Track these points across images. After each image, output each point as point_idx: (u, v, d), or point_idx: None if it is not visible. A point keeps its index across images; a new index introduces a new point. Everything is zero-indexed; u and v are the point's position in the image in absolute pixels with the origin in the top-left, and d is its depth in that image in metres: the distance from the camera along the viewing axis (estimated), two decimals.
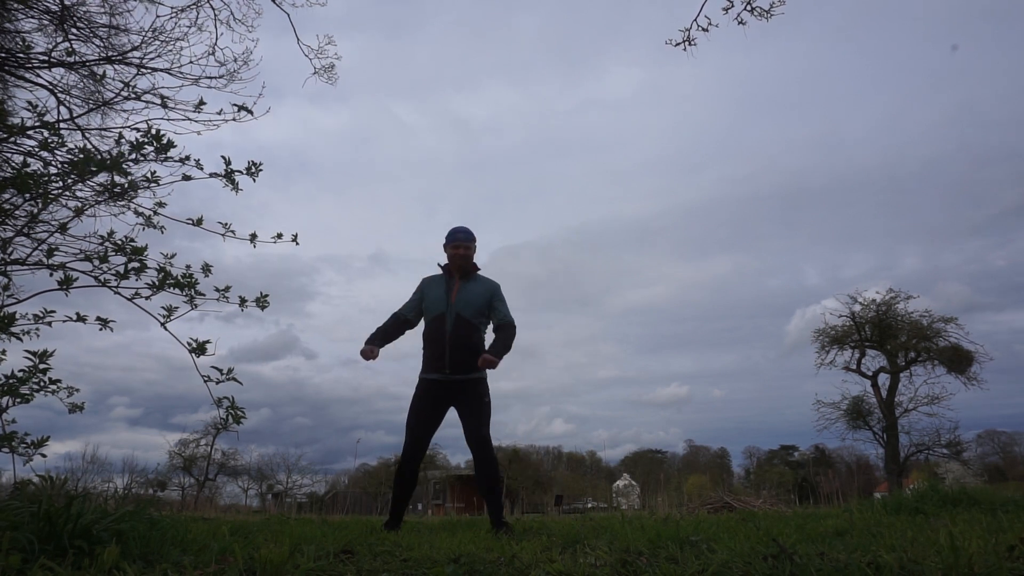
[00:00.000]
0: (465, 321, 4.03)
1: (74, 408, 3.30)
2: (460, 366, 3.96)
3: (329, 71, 6.34)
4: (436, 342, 4.00)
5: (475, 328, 4.07)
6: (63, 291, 2.91)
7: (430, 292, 4.16)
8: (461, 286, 4.13)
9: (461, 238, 4.19)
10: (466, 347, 3.99)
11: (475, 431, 3.91)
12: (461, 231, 4.23)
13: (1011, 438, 49.23)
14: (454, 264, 4.18)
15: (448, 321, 4.01)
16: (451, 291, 4.10)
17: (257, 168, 3.41)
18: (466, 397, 3.97)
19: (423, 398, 4.00)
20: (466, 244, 4.18)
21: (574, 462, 54.79)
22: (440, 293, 4.10)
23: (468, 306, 4.07)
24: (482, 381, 4.04)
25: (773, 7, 4.98)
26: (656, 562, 1.84)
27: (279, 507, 25.27)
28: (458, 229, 4.24)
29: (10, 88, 4.48)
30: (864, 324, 22.01)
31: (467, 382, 3.98)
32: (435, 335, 4.02)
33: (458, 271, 4.17)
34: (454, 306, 4.05)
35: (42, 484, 2.18)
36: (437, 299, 4.09)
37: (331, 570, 1.85)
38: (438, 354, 3.97)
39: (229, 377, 3.01)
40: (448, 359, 3.95)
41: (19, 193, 2.87)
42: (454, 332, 3.99)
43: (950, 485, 5.19)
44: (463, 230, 4.24)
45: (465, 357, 3.97)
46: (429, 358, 4.03)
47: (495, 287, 4.26)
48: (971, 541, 1.89)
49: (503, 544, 2.79)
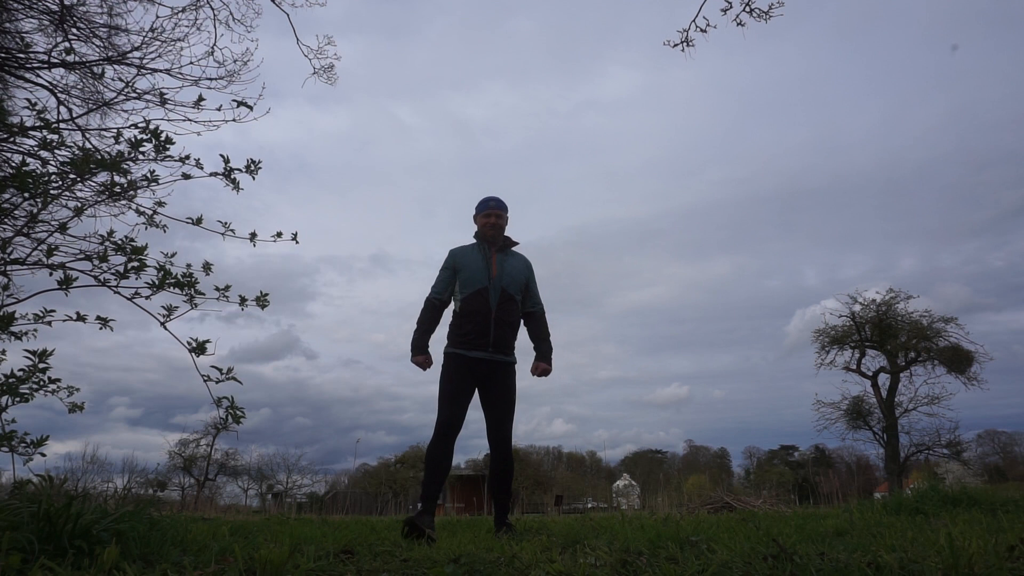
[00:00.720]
0: (509, 297, 3.79)
1: (74, 408, 3.30)
2: (502, 345, 3.73)
3: (328, 71, 6.34)
4: (479, 318, 3.70)
5: (517, 305, 3.85)
6: (63, 291, 2.91)
7: (467, 264, 3.85)
8: (500, 259, 3.88)
9: (493, 206, 3.94)
10: (509, 325, 3.77)
11: (500, 429, 3.71)
12: (493, 199, 3.97)
13: (1011, 438, 49.29)
14: (486, 235, 3.93)
15: (492, 296, 3.74)
16: (490, 263, 3.84)
17: (256, 166, 3.41)
18: (498, 384, 3.73)
19: (461, 373, 3.68)
20: (498, 212, 3.93)
21: (574, 462, 54.77)
22: (480, 265, 3.82)
23: (512, 281, 3.84)
24: (514, 367, 3.83)
25: (772, 8, 4.98)
26: (656, 562, 1.84)
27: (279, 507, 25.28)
28: (489, 198, 3.99)
29: (10, 88, 4.48)
30: (864, 324, 22.00)
31: (505, 366, 3.76)
32: (478, 310, 3.71)
33: (492, 243, 3.92)
34: (497, 280, 3.78)
35: (42, 484, 2.18)
36: (477, 271, 3.80)
37: (331, 570, 1.85)
38: (481, 331, 3.69)
39: (229, 377, 3.00)
40: (493, 337, 3.69)
41: (19, 192, 2.87)
42: (500, 308, 3.73)
43: (950, 485, 5.19)
44: (495, 198, 3.98)
45: (507, 336, 3.76)
46: (468, 334, 3.71)
47: (530, 265, 4.04)
48: (971, 541, 1.89)
49: (503, 544, 2.79)
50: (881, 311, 21.81)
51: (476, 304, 3.73)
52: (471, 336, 3.69)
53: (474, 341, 3.69)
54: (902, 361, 21.75)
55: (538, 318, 3.98)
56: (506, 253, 3.93)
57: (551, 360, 3.93)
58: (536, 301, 4.00)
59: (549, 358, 3.93)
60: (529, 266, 4.01)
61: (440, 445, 3.58)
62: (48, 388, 2.96)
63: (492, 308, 3.71)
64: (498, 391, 3.73)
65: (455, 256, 3.93)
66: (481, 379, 3.72)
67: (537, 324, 3.98)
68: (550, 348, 3.94)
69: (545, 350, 3.93)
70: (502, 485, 3.79)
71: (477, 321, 3.69)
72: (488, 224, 3.91)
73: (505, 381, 3.75)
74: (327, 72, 6.34)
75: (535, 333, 3.99)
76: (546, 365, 3.88)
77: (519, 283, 3.86)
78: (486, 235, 3.91)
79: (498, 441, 3.72)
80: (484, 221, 3.93)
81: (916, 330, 21.31)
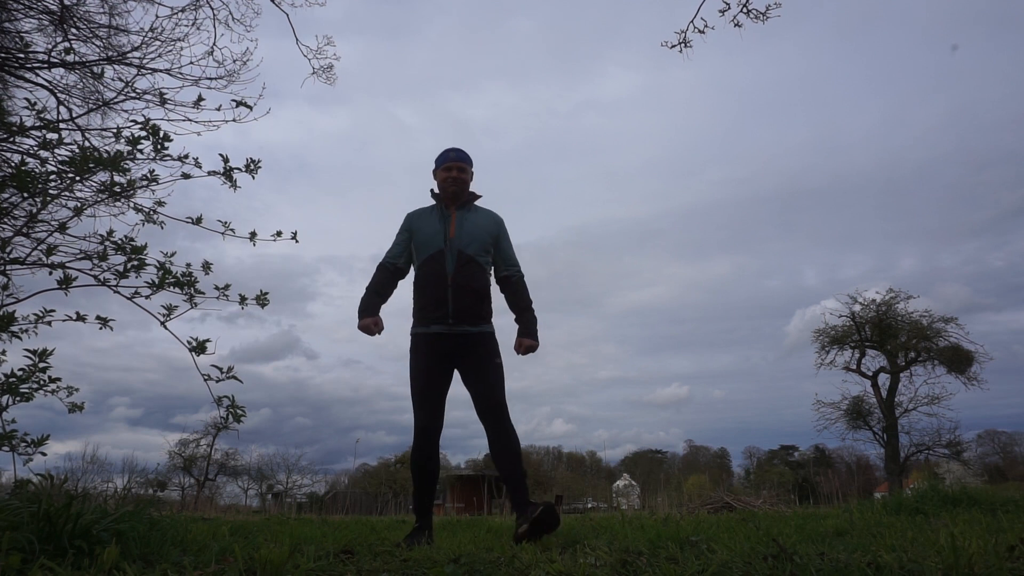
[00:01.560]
0: (468, 259, 3.27)
1: (74, 408, 3.30)
2: (466, 315, 3.21)
3: (328, 71, 6.35)
4: (435, 286, 3.23)
5: (480, 268, 3.31)
6: (63, 290, 2.91)
7: (422, 227, 3.36)
8: (460, 217, 3.35)
9: (453, 157, 3.40)
10: (472, 291, 3.24)
11: (487, 397, 3.16)
12: (453, 150, 3.44)
13: (1011, 438, 49.27)
14: (446, 193, 3.39)
15: (448, 259, 3.24)
16: (448, 224, 3.32)
17: (256, 165, 3.41)
18: (474, 356, 3.23)
19: (428, 356, 3.22)
20: (460, 165, 3.39)
21: (574, 462, 54.77)
22: (435, 227, 3.33)
23: (472, 241, 3.30)
24: (491, 336, 3.30)
25: (769, 9, 4.99)
26: (656, 562, 1.84)
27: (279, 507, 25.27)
28: (450, 149, 3.45)
29: (10, 88, 4.48)
30: (864, 324, 22.00)
31: (475, 336, 3.23)
32: (433, 278, 3.24)
33: (452, 200, 3.39)
34: (454, 241, 3.27)
35: (42, 484, 2.18)
36: (432, 235, 3.31)
37: (331, 570, 1.85)
38: (438, 300, 3.21)
39: (229, 376, 3.01)
40: (452, 306, 3.19)
41: (19, 192, 2.87)
42: (457, 273, 3.22)
43: (950, 485, 5.19)
44: (456, 149, 3.44)
45: (471, 304, 3.23)
46: (426, 307, 3.24)
47: (500, 221, 3.48)
48: (971, 541, 1.89)
49: (503, 544, 2.79)
50: (881, 311, 21.81)
51: (430, 270, 3.25)
52: (429, 308, 3.22)
53: (432, 314, 3.20)
54: (902, 361, 21.75)
55: (515, 284, 3.43)
56: (467, 210, 3.40)
57: (536, 332, 3.38)
58: (511, 263, 3.45)
59: (534, 330, 3.38)
60: (498, 222, 3.46)
61: (421, 451, 3.17)
62: (48, 388, 2.96)
63: (448, 273, 3.21)
64: (478, 364, 3.21)
65: (411, 219, 3.46)
66: (451, 357, 3.23)
67: (515, 291, 3.43)
68: (534, 318, 3.40)
69: (528, 321, 3.38)
70: (509, 458, 3.11)
71: (433, 290, 3.22)
72: (448, 179, 3.37)
73: (485, 349, 3.24)
74: (326, 72, 6.35)
75: (514, 302, 3.44)
76: (531, 340, 3.33)
77: (482, 242, 3.32)
78: (446, 191, 3.38)
79: (490, 408, 3.15)
80: (444, 176, 3.38)
81: (916, 330, 21.31)
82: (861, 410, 21.91)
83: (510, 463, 3.10)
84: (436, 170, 3.47)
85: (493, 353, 3.27)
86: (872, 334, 22.00)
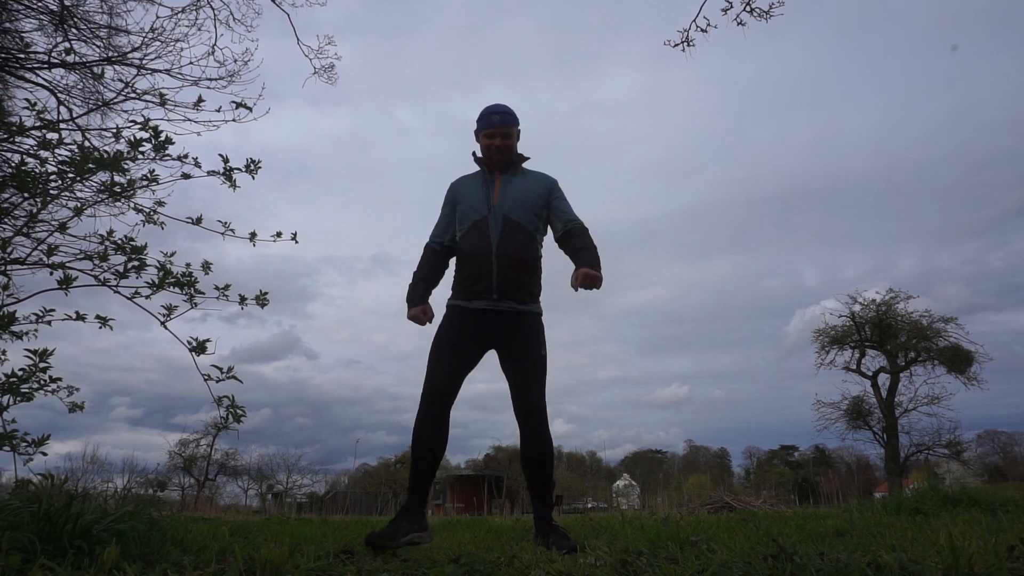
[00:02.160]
0: (515, 225, 2.93)
1: (74, 408, 3.30)
2: (512, 289, 2.87)
3: (329, 71, 6.35)
4: (478, 256, 2.90)
5: (530, 236, 2.97)
6: (63, 290, 2.92)
7: (465, 194, 3.06)
8: (504, 181, 3.04)
9: (497, 122, 3.03)
10: (519, 262, 2.90)
11: (528, 397, 2.83)
12: (497, 111, 3.05)
13: (1011, 438, 49.25)
14: (490, 160, 3.06)
15: (492, 227, 2.92)
16: (492, 189, 3.02)
17: (256, 165, 3.41)
18: (518, 342, 2.88)
19: (462, 331, 2.87)
20: (504, 131, 3.03)
21: (574, 462, 54.76)
22: (478, 193, 3.02)
23: (518, 205, 2.98)
24: (539, 319, 2.97)
25: (772, 8, 4.99)
26: (656, 562, 1.84)
27: (279, 507, 25.28)
28: (492, 109, 3.07)
29: (10, 88, 4.49)
30: (864, 324, 22.00)
31: (521, 316, 2.89)
32: (475, 248, 2.91)
33: (497, 167, 3.07)
34: (498, 207, 2.95)
35: (42, 484, 2.18)
36: (475, 201, 3.00)
37: (331, 570, 1.85)
38: (481, 272, 2.87)
39: (229, 376, 3.01)
40: (496, 279, 2.85)
41: (19, 192, 2.87)
42: (503, 240, 2.89)
43: (950, 485, 5.20)
44: (499, 110, 3.06)
45: (518, 276, 2.89)
46: (467, 279, 2.92)
47: (552, 182, 3.14)
48: (971, 541, 1.89)
49: (503, 544, 2.79)
50: (881, 311, 21.81)
51: (473, 240, 2.93)
52: (470, 280, 2.90)
53: (474, 287, 2.88)
54: (902, 361, 21.76)
55: (576, 233, 3.04)
56: (513, 174, 3.08)
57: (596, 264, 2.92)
58: (569, 216, 3.07)
59: (596, 263, 2.92)
60: (549, 184, 3.12)
61: (425, 421, 2.74)
62: (48, 388, 2.96)
63: (493, 241, 2.88)
64: (522, 353, 2.87)
65: (454, 189, 3.15)
66: (491, 338, 2.90)
67: (576, 238, 3.04)
68: (597, 257, 2.97)
69: (593, 256, 2.95)
70: (538, 472, 2.83)
71: (476, 261, 2.90)
72: (492, 147, 3.03)
73: (530, 336, 2.90)
74: (327, 72, 6.35)
75: (573, 246, 3.04)
76: (591, 271, 2.85)
77: (530, 206, 3.00)
78: (490, 159, 3.06)
79: (531, 411, 2.83)
80: (486, 143, 3.05)
81: (916, 330, 21.32)
82: (861, 410, 21.92)
83: (539, 474, 2.82)
84: (478, 133, 3.10)
85: (539, 343, 2.92)
86: (872, 334, 22.00)
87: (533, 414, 2.82)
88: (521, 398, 2.83)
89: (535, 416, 2.83)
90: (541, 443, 2.83)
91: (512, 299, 2.87)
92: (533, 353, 2.89)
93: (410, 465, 2.77)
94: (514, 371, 2.87)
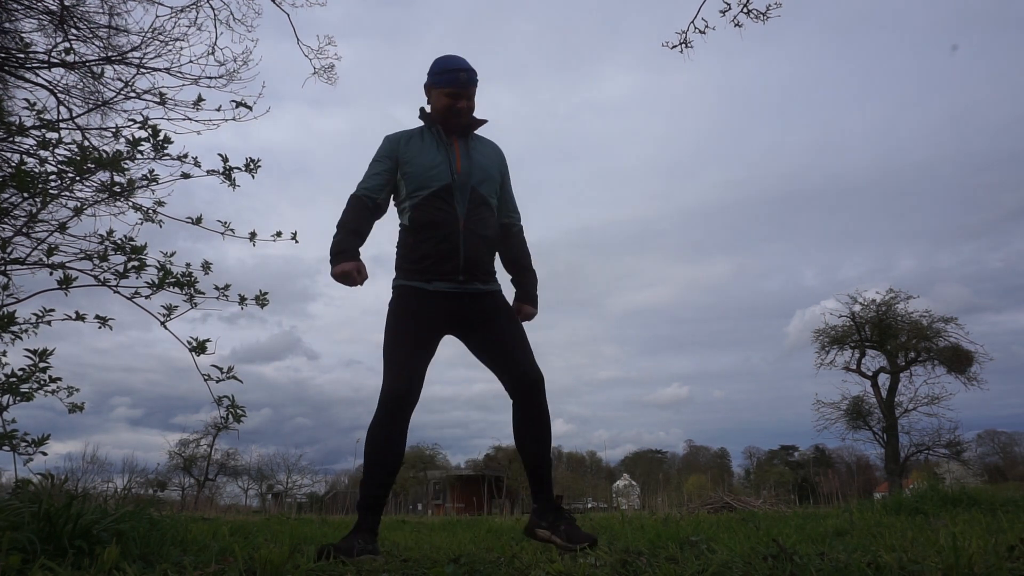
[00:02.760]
0: (482, 200, 2.59)
1: (73, 408, 3.30)
2: (479, 270, 2.55)
3: (329, 71, 6.35)
4: (443, 231, 2.50)
5: (492, 213, 2.66)
6: (63, 290, 2.92)
7: (416, 156, 2.60)
8: (463, 146, 2.65)
9: (464, 80, 2.61)
10: (485, 241, 2.58)
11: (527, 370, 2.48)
12: (464, 68, 2.62)
13: (1011, 438, 49.27)
14: (447, 122, 2.65)
15: (459, 199, 2.54)
16: (452, 153, 2.61)
17: (256, 164, 3.41)
18: (494, 321, 2.56)
19: (419, 317, 2.48)
20: (471, 91, 2.65)
21: (574, 462, 54.74)
22: (435, 157, 2.58)
23: (486, 178, 2.63)
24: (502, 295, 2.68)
25: (770, 9, 5.00)
26: (656, 562, 1.84)
27: (279, 507, 25.28)
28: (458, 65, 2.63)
29: (10, 88, 4.49)
30: (864, 324, 22.01)
31: (489, 297, 2.58)
32: (440, 220, 2.51)
33: (455, 130, 2.67)
34: (462, 177, 2.57)
35: (42, 484, 2.18)
36: (433, 165, 2.56)
37: (331, 570, 1.85)
38: (446, 251, 2.49)
39: (229, 376, 3.01)
40: (464, 258, 2.50)
41: (19, 192, 2.87)
42: (471, 216, 2.54)
43: (950, 485, 5.20)
44: (465, 66, 2.63)
45: (484, 256, 2.58)
46: (427, 257, 2.51)
47: (503, 155, 2.82)
48: (971, 541, 1.89)
49: (503, 544, 2.79)
50: (881, 311, 21.82)
51: (436, 211, 2.52)
52: (432, 260, 2.50)
53: (436, 267, 2.50)
54: (902, 361, 21.77)
55: (517, 235, 2.80)
56: (470, 137, 2.71)
57: (536, 299, 2.77)
58: (512, 208, 2.81)
59: (535, 295, 2.76)
60: (502, 157, 2.80)
61: (385, 426, 2.36)
62: (48, 388, 2.97)
63: (460, 217, 2.52)
64: (495, 328, 2.55)
65: (395, 144, 2.66)
66: (452, 324, 2.55)
67: (516, 243, 2.79)
68: (535, 281, 2.79)
69: (530, 282, 2.77)
70: (543, 449, 2.48)
71: (440, 236, 2.50)
72: (454, 108, 2.62)
73: (496, 310, 2.59)
74: (327, 72, 6.36)
75: (514, 258, 2.78)
76: (531, 307, 2.73)
77: (494, 181, 2.68)
78: (448, 121, 2.64)
79: (527, 386, 2.48)
80: (448, 103, 2.61)
81: (916, 330, 21.33)
82: (861, 410, 21.93)
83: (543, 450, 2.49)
84: (434, 88, 2.65)
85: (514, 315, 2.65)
86: (872, 334, 22.01)
87: (536, 384, 2.48)
88: (519, 369, 2.48)
89: (539, 387, 2.49)
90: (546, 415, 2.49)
91: (479, 280, 2.55)
92: (513, 322, 2.59)
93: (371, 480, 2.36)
94: (499, 345, 2.53)
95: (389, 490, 2.41)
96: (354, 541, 2.21)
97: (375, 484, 2.36)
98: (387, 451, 2.36)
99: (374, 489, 2.36)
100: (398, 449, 2.38)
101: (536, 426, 2.47)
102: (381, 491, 2.37)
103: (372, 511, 2.34)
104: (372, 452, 2.36)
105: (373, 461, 2.36)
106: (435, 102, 2.66)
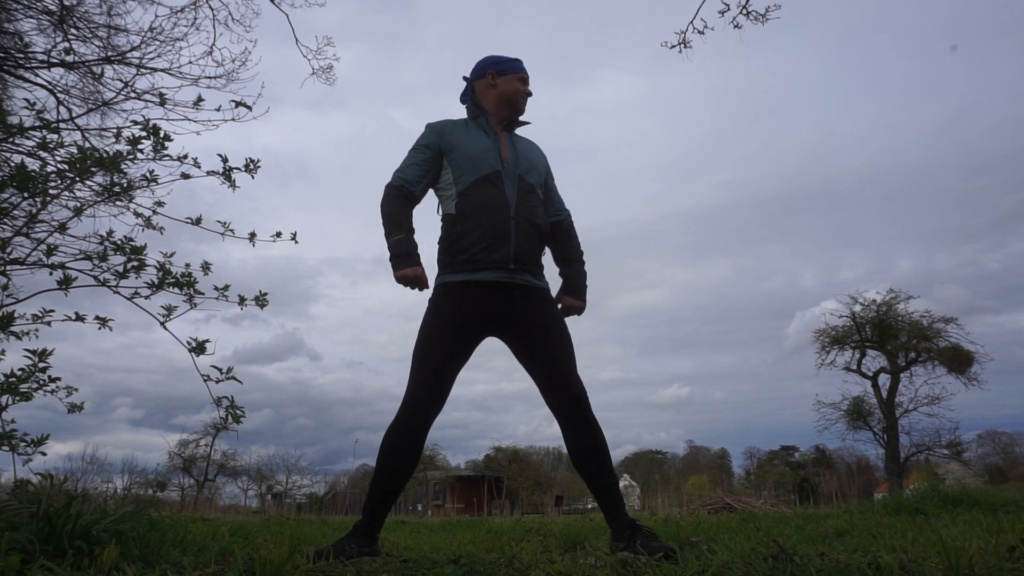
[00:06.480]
0: (530, 188, 2.50)
1: (73, 408, 3.30)
2: (529, 261, 2.40)
3: (327, 72, 6.35)
4: (492, 216, 2.36)
5: (541, 204, 2.57)
6: (63, 291, 2.92)
7: (462, 142, 2.50)
8: (510, 140, 2.59)
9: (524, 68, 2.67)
10: (536, 230, 2.45)
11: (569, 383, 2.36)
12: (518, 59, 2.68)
13: (1011, 438, 49.23)
14: (513, 109, 2.61)
15: (509, 187, 2.43)
16: (499, 143, 2.53)
17: (255, 165, 3.41)
18: (541, 319, 2.39)
19: (463, 313, 2.32)
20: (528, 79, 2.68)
21: None
22: (483, 144, 2.50)
23: (532, 168, 2.56)
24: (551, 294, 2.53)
25: (768, 10, 5.00)
26: (656, 562, 1.84)
27: (279, 508, 25.28)
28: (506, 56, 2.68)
29: (10, 88, 4.49)
30: (864, 324, 22.02)
31: (538, 293, 2.43)
32: (489, 205, 2.37)
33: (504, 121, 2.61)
34: (511, 164, 2.48)
35: (42, 484, 2.18)
36: (481, 151, 2.47)
37: (331, 570, 1.85)
38: (496, 237, 2.34)
39: (228, 376, 3.01)
40: (514, 246, 2.35)
41: (19, 192, 2.87)
42: (521, 203, 2.42)
43: (950, 486, 5.20)
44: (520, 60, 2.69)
45: (534, 246, 2.43)
46: (475, 244, 2.35)
47: (544, 154, 2.76)
48: (971, 542, 1.89)
49: (503, 544, 2.79)
50: (881, 311, 21.84)
51: (485, 196, 2.39)
52: (480, 246, 2.34)
53: (483, 255, 2.33)
54: (902, 361, 21.78)
55: (568, 228, 2.71)
56: (512, 134, 2.66)
57: (584, 291, 2.65)
58: (560, 206, 2.72)
59: (581, 289, 2.64)
60: (544, 154, 2.74)
61: (401, 430, 2.27)
62: (48, 388, 2.96)
63: (511, 203, 2.39)
64: (541, 328, 2.38)
65: (439, 132, 2.54)
66: (498, 321, 2.38)
67: (568, 236, 2.70)
68: (584, 275, 2.68)
69: (579, 275, 2.66)
70: (605, 463, 2.33)
71: (488, 222, 2.36)
72: (521, 93, 2.60)
73: (547, 311, 2.42)
74: (326, 72, 6.36)
75: (563, 252, 2.69)
76: (574, 300, 2.61)
77: (540, 172, 2.60)
78: (516, 104, 2.60)
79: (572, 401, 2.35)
80: (518, 87, 2.60)
81: (916, 330, 21.34)
82: (861, 410, 21.94)
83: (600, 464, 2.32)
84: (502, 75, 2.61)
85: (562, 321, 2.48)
86: (872, 334, 22.02)
87: (581, 398, 2.35)
88: (563, 383, 2.35)
89: (584, 401, 2.36)
90: (597, 429, 2.35)
91: (529, 272, 2.40)
92: (564, 331, 2.42)
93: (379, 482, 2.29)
94: (543, 355, 2.36)
95: (395, 494, 2.32)
96: (346, 545, 2.17)
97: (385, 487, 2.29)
98: (398, 455, 2.28)
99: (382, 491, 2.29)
100: (412, 459, 2.30)
101: (586, 438, 2.33)
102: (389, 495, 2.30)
103: (374, 514, 2.28)
104: (384, 454, 2.29)
105: (384, 463, 2.29)
106: (505, 87, 2.60)
